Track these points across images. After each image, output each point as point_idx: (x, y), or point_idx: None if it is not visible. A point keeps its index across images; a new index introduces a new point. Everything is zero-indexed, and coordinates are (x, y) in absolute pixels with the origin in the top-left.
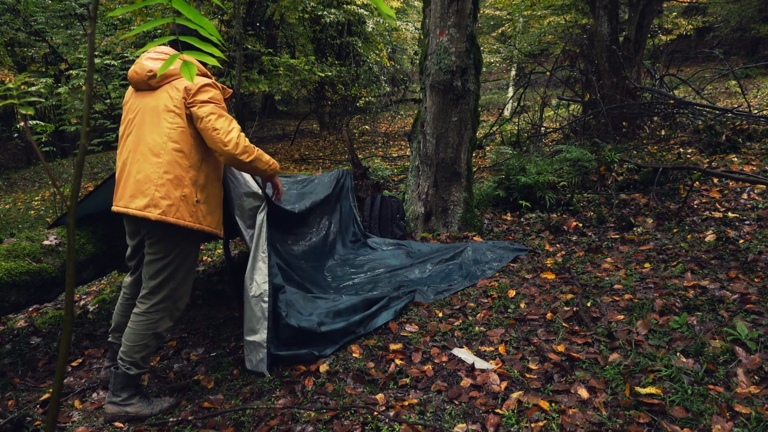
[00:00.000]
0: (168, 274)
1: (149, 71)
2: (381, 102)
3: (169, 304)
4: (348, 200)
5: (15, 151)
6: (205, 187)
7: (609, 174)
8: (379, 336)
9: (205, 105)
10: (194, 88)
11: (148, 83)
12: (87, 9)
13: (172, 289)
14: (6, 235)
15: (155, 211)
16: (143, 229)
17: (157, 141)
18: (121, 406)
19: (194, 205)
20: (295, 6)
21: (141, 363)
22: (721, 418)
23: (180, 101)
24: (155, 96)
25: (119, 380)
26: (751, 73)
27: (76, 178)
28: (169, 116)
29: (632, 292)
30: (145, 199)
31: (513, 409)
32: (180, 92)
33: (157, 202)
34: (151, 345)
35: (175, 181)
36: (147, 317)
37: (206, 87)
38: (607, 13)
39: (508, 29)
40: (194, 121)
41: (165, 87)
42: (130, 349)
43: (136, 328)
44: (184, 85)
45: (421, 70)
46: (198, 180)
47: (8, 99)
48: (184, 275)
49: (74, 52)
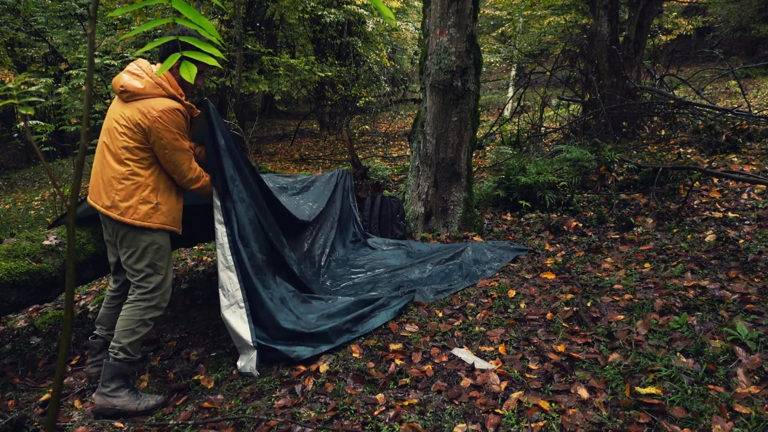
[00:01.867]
0: (147, 267)
1: (122, 86)
2: (381, 102)
3: (155, 294)
4: (348, 200)
5: (15, 151)
6: (165, 191)
7: (609, 174)
8: (379, 336)
9: (160, 138)
10: (151, 118)
11: (121, 96)
12: (87, 9)
13: (157, 282)
14: (6, 235)
15: (115, 212)
16: (110, 224)
17: (119, 151)
18: (108, 397)
19: (153, 208)
20: (295, 6)
21: (128, 349)
22: (721, 418)
23: (140, 122)
24: (124, 109)
25: (108, 370)
26: (751, 73)
27: (76, 178)
28: (129, 132)
29: (632, 292)
30: (109, 200)
31: (513, 409)
32: (141, 115)
33: (117, 205)
34: (139, 332)
35: (133, 186)
36: (135, 305)
37: (163, 119)
38: (607, 13)
39: (508, 29)
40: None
41: (133, 103)
42: (119, 334)
43: (125, 314)
44: (145, 110)
45: (421, 70)
46: (158, 185)
47: (8, 99)
48: (163, 269)
49: (74, 52)
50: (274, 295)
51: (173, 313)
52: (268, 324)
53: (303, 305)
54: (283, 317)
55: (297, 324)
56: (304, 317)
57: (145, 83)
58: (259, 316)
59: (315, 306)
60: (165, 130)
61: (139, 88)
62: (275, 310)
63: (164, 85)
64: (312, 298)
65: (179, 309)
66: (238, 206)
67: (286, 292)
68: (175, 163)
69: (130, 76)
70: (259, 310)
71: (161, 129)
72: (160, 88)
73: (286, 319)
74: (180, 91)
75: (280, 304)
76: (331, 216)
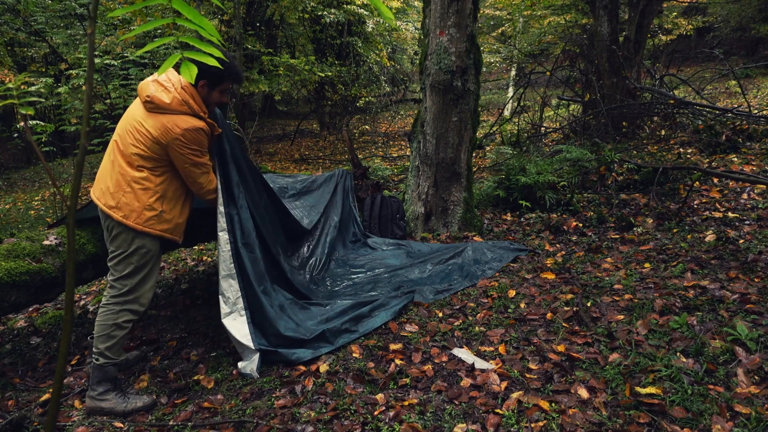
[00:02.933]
0: (129, 270)
1: (148, 97)
2: (381, 102)
3: (129, 298)
4: (348, 200)
5: (15, 151)
6: (172, 199)
7: (609, 174)
8: (379, 336)
9: (182, 155)
10: (173, 135)
11: (145, 105)
12: (87, 9)
13: (132, 284)
14: (6, 235)
15: (118, 213)
16: (107, 221)
17: (132, 156)
18: (96, 400)
19: (158, 215)
20: (295, 6)
21: (107, 353)
22: (721, 418)
23: (161, 135)
24: (146, 117)
25: (95, 374)
26: (751, 73)
27: (76, 178)
28: (147, 141)
29: (632, 292)
30: (113, 201)
31: (513, 409)
32: (163, 130)
33: (122, 206)
34: (115, 336)
35: (141, 192)
36: (107, 308)
37: (186, 138)
38: (607, 13)
39: (508, 29)
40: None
41: (157, 116)
42: (96, 339)
43: (100, 319)
44: (168, 126)
45: (421, 70)
46: (166, 193)
47: (8, 99)
48: (145, 273)
49: (74, 52)
50: (274, 303)
51: (173, 313)
52: (268, 331)
53: (302, 312)
54: (283, 324)
55: (297, 332)
56: (304, 324)
57: (172, 98)
58: (260, 323)
59: (314, 312)
60: (185, 146)
61: (165, 102)
62: (275, 318)
63: (190, 102)
64: (310, 305)
65: (179, 309)
66: (243, 212)
67: (284, 300)
68: (193, 177)
69: (158, 87)
70: (261, 318)
71: (181, 146)
72: (186, 106)
73: (286, 326)
74: (204, 108)
75: (279, 311)
76: (332, 217)
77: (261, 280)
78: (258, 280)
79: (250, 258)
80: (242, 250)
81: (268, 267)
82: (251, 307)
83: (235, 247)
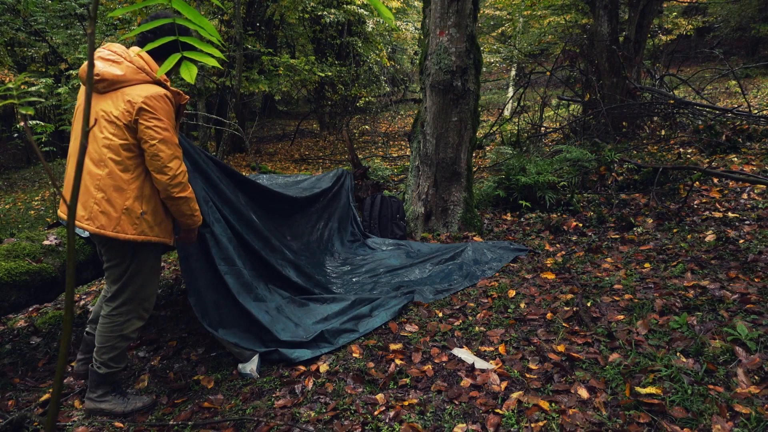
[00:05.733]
0: (126, 278)
1: (97, 75)
2: (381, 102)
3: (132, 306)
4: (348, 200)
5: (15, 151)
6: (152, 198)
7: (609, 174)
8: (379, 336)
9: (148, 128)
10: (137, 106)
11: (96, 87)
12: (87, 9)
13: (133, 292)
14: (6, 235)
15: (92, 225)
16: (91, 235)
17: (97, 152)
18: (96, 402)
19: (138, 218)
20: (295, 6)
21: (110, 363)
22: (721, 418)
23: (123, 113)
24: (100, 102)
25: (94, 378)
26: (751, 73)
27: (76, 178)
28: (110, 127)
29: (632, 292)
30: (85, 211)
31: (513, 409)
32: (124, 105)
33: (95, 216)
34: (119, 347)
35: (116, 194)
36: (111, 320)
37: (150, 106)
38: (607, 13)
39: (508, 29)
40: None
41: (111, 94)
42: (99, 350)
43: (102, 330)
44: (128, 98)
45: (421, 70)
46: (143, 191)
47: (8, 99)
48: (144, 279)
49: (74, 52)
50: (270, 306)
51: (173, 313)
52: (265, 338)
53: (300, 309)
54: (281, 328)
55: (295, 334)
56: (303, 322)
57: (125, 68)
58: (253, 332)
59: (312, 308)
60: (152, 117)
61: (118, 75)
62: (271, 323)
63: (147, 69)
64: (309, 300)
65: (179, 309)
66: (216, 227)
67: (281, 300)
68: (162, 159)
69: (106, 63)
70: (253, 327)
71: (149, 117)
72: (143, 73)
73: (283, 329)
74: (164, 75)
75: (276, 314)
76: (335, 210)
77: (248, 289)
78: (245, 291)
79: (233, 272)
80: (221, 267)
81: (259, 270)
82: (240, 320)
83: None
